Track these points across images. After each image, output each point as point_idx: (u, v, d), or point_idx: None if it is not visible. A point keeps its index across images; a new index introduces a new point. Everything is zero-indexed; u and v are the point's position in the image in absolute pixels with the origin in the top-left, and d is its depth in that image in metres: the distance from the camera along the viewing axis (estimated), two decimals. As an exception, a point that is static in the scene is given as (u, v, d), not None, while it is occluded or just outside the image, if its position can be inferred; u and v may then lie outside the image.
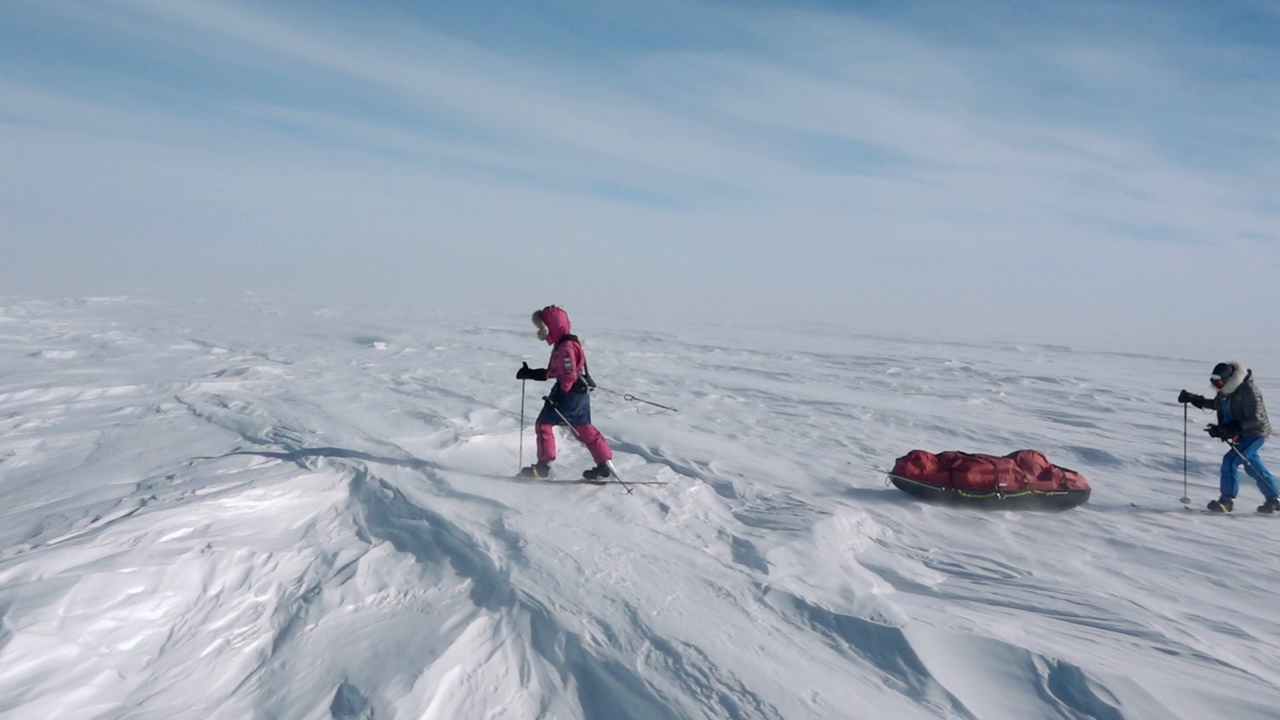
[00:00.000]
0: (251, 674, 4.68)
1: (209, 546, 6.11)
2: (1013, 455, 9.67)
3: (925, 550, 7.53)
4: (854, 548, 7.45)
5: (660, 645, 4.89)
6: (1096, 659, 4.96)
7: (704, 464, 10.32)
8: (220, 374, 17.43)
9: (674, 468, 10.08)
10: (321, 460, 9.00)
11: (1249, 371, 9.69)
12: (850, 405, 17.33)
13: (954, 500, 9.15)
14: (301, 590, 5.80)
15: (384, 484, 8.20)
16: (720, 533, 7.64)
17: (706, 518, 8.09)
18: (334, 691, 4.41)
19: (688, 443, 11.69)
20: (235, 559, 6.02)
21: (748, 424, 14.46)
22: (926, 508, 8.91)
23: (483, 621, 5.28)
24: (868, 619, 5.39)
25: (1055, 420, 16.86)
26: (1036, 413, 17.66)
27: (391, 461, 9.31)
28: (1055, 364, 32.24)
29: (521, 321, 48.66)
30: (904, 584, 6.59)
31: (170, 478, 8.17)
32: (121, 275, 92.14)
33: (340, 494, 8.08)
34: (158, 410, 12.56)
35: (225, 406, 12.99)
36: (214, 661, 4.77)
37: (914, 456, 9.61)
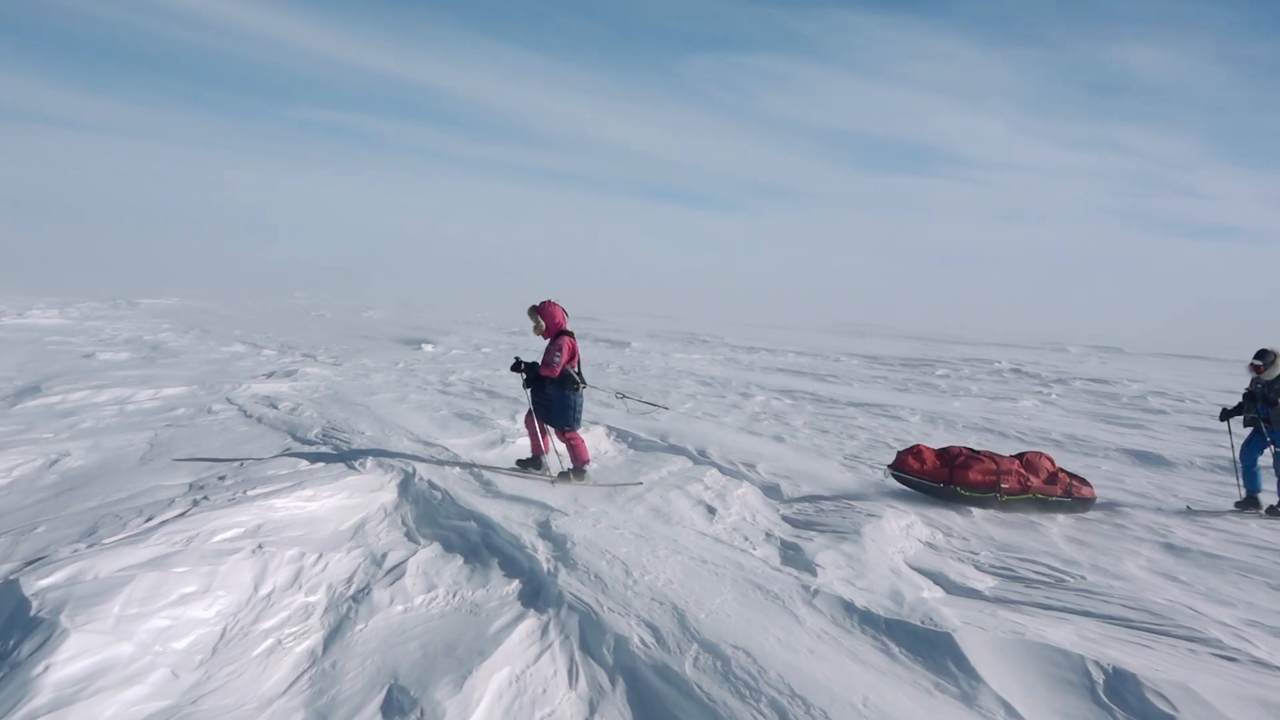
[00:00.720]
0: (302, 674, 4.70)
1: (260, 547, 6.16)
2: (1019, 456, 9.50)
3: (976, 554, 7.45)
4: (903, 551, 7.38)
5: (709, 648, 4.86)
6: (1153, 665, 4.88)
7: (751, 466, 10.27)
8: (270, 375, 17.61)
9: (721, 470, 10.03)
10: (370, 461, 9.04)
11: None
12: (899, 407, 17.19)
13: (952, 498, 9.03)
14: (351, 591, 5.83)
15: (432, 485, 8.22)
16: (768, 535, 7.60)
17: (754, 520, 8.06)
18: (384, 692, 4.43)
19: (735, 444, 11.64)
20: (286, 559, 6.06)
21: (795, 426, 14.38)
22: (977, 511, 8.80)
23: (531, 623, 5.28)
24: (918, 623, 5.34)
25: (1108, 422, 16.63)
26: (1089, 415, 17.43)
27: (439, 463, 9.35)
28: (1107, 365, 31.80)
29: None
30: (954, 587, 6.52)
31: (221, 478, 8.26)
32: (173, 277, 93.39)
33: (389, 495, 8.11)
34: (209, 411, 12.70)
35: (275, 408, 13.12)
36: (265, 661, 4.81)
37: (916, 450, 9.45)
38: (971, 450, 9.41)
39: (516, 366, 9.30)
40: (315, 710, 4.31)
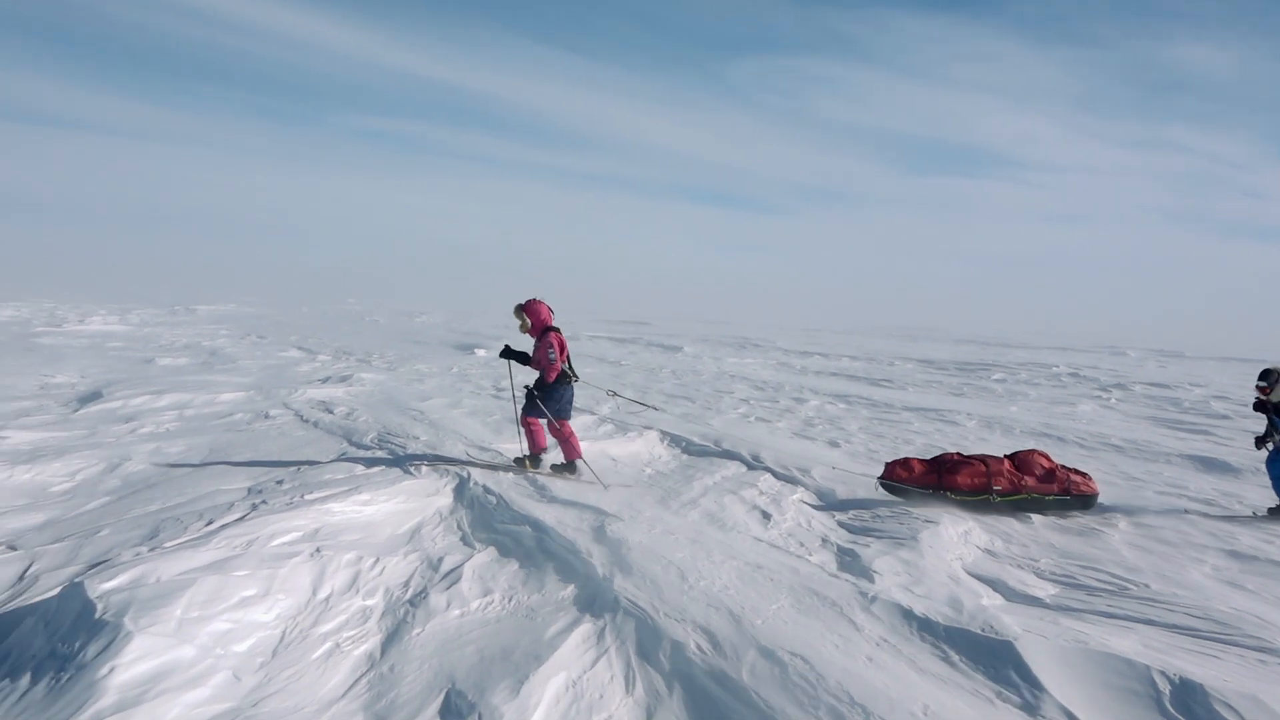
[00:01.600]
0: (361, 677, 4.73)
1: (318, 550, 6.21)
2: (1012, 456, 9.36)
3: (1036, 560, 7.33)
4: (962, 557, 7.27)
5: (766, 654, 4.82)
6: (1220, 675, 4.77)
7: (806, 471, 10.18)
8: (325, 380, 17.80)
9: (775, 475, 9.96)
10: (425, 466, 9.10)
11: None
12: (954, 412, 17.01)
13: (943, 502, 8.89)
14: (408, 595, 5.86)
15: (487, 490, 8.25)
16: (824, 541, 7.54)
17: (809, 525, 8.00)
18: (442, 696, 4.44)
19: (789, 450, 11.56)
20: (343, 563, 6.09)
21: (849, 431, 14.27)
22: (1037, 517, 8.67)
23: (587, 628, 5.26)
24: (978, 631, 5.26)
25: (1170, 427, 16.32)
26: (1149, 420, 17.12)
27: (493, 467, 9.39)
28: (1168, 369, 31.25)
29: (620, 327, 48.83)
30: (1014, 595, 6.41)
31: (279, 483, 8.35)
32: (230, 284, 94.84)
33: (444, 499, 8.15)
34: (266, 416, 12.87)
35: (330, 413, 13.25)
36: (324, 664, 4.83)
37: (904, 461, 9.35)
38: (962, 455, 9.32)
39: (510, 360, 9.85)
40: (374, 713, 4.33)
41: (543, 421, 9.45)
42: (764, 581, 6.09)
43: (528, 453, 9.54)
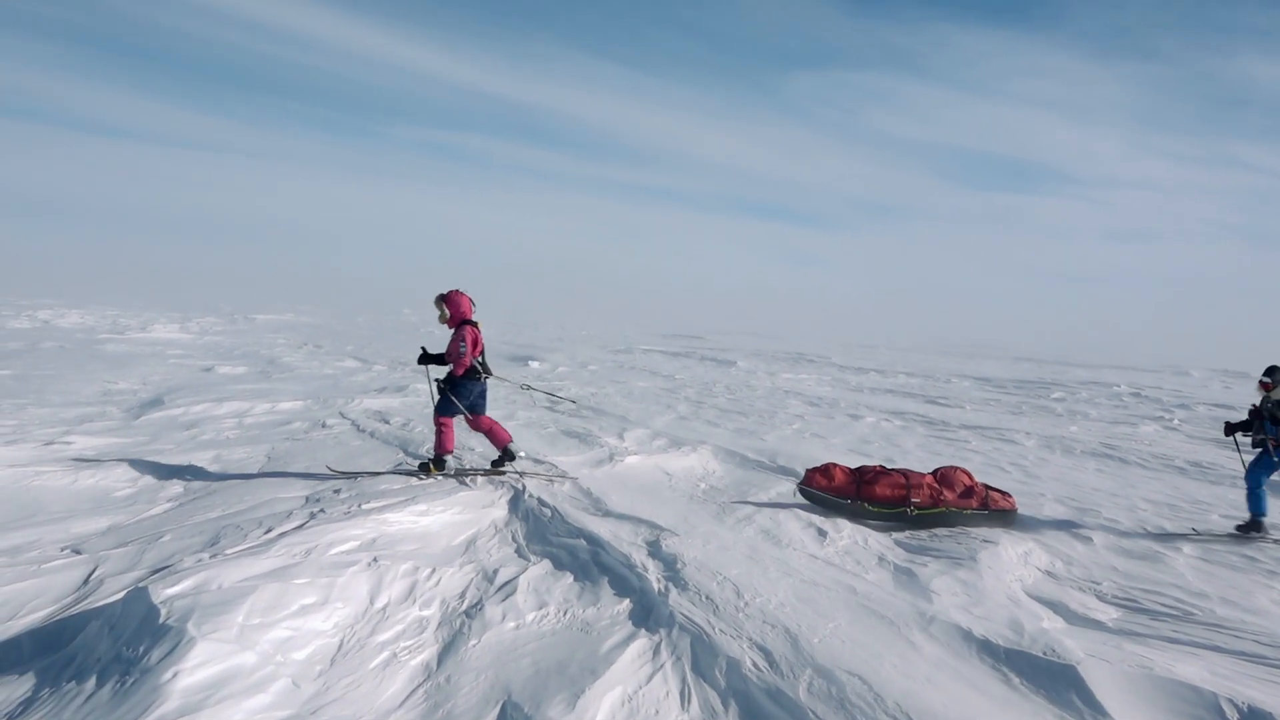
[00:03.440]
0: (418, 687, 4.74)
1: (375, 560, 6.24)
2: (934, 471, 9.35)
3: (1098, 583, 7.21)
4: (1021, 579, 7.18)
5: (823, 673, 4.79)
6: (1292, 705, 4.66)
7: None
8: (381, 390, 17.94)
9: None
10: (480, 477, 9.14)
11: None
12: (1013, 431, 16.77)
13: (861, 514, 8.86)
14: (464, 606, 5.88)
15: (541, 502, 8.27)
16: (881, 559, 7.47)
17: (866, 544, 7.92)
18: (498, 708, 4.44)
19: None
20: (400, 573, 6.12)
21: (906, 448, 14.14)
22: (1098, 538, 8.53)
23: (643, 643, 5.25)
24: (1040, 654, 5.18)
25: (1234, 450, 15.96)
26: (1214, 441, 16.73)
27: (548, 479, 9.40)
28: (1233, 390, 30.54)
29: (673, 341, 48.77)
30: (1076, 618, 6.32)
31: (337, 492, 8.41)
32: (287, 293, 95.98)
33: (499, 511, 8.18)
34: (323, 425, 13.00)
35: (386, 423, 13.35)
36: (382, 673, 4.86)
37: (825, 468, 9.31)
38: (883, 468, 9.32)
39: (428, 365, 9.60)
40: (431, 724, 4.36)
41: (456, 421, 9.38)
42: (821, 599, 6.05)
43: (432, 455, 9.42)
